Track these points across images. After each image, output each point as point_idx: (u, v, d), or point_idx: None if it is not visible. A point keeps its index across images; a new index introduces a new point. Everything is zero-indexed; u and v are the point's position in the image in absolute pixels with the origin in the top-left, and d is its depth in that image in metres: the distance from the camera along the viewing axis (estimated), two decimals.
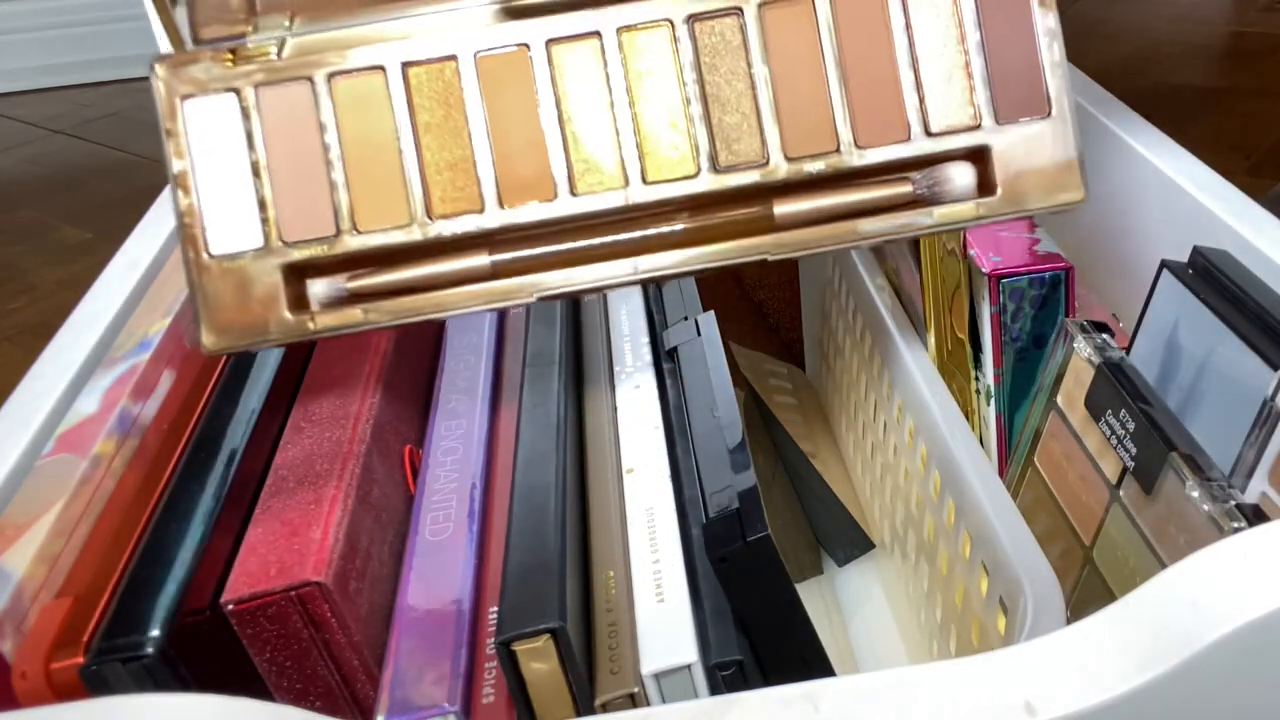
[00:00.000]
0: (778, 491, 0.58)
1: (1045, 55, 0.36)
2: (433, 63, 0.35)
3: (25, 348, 0.98)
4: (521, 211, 0.35)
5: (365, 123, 0.35)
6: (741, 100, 0.35)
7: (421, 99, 0.35)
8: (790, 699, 0.22)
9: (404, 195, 0.35)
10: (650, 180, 0.35)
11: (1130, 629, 0.22)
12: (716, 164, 0.35)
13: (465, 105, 0.35)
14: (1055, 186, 0.36)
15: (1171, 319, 0.36)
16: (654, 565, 0.32)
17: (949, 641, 0.42)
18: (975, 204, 0.36)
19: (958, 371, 0.47)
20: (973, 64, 0.36)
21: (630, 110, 0.35)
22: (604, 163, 0.35)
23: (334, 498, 0.33)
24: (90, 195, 1.30)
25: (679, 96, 0.35)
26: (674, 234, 0.35)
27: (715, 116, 0.35)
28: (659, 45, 0.35)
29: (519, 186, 0.35)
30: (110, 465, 0.34)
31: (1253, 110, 1.22)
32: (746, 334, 0.67)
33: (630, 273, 0.35)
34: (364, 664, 0.31)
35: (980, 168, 0.36)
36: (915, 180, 0.35)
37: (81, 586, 0.30)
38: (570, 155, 0.35)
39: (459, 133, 0.35)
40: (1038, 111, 0.36)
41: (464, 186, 0.35)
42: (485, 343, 0.43)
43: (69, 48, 1.66)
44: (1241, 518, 0.31)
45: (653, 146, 0.35)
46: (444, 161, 0.35)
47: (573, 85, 0.35)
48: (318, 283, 0.35)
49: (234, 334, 0.35)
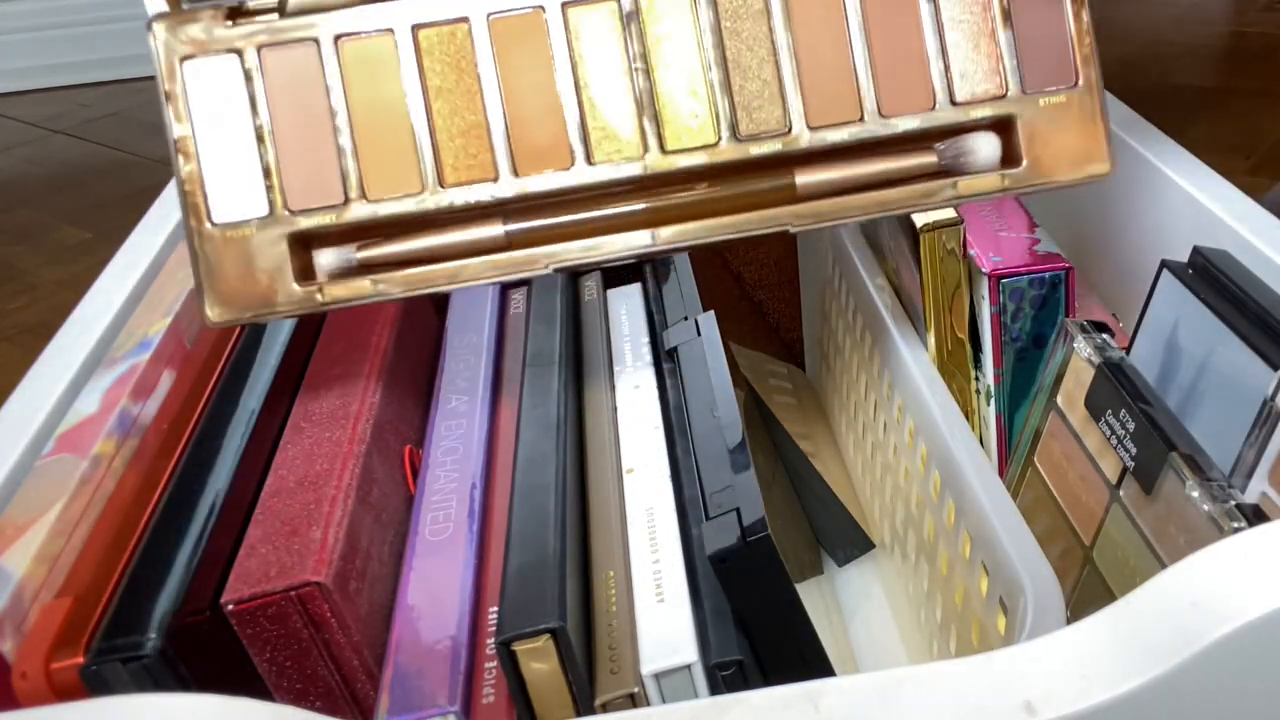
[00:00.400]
0: (778, 491, 0.58)
1: (1073, 24, 0.35)
2: (444, 24, 0.34)
3: (25, 348, 0.98)
4: (537, 180, 0.35)
5: (374, 87, 0.34)
6: (763, 67, 0.34)
7: (432, 62, 0.34)
8: (790, 699, 0.22)
9: (415, 162, 0.34)
10: (669, 149, 0.34)
11: (1130, 629, 0.22)
12: (737, 132, 0.34)
13: (478, 69, 0.34)
14: (1082, 158, 0.35)
15: (1171, 319, 0.36)
16: (654, 565, 0.32)
17: (949, 641, 0.42)
18: (1000, 175, 0.35)
19: (958, 371, 0.47)
20: (999, 32, 0.35)
21: (649, 76, 0.34)
22: (622, 130, 0.34)
23: (334, 498, 0.33)
24: (90, 195, 1.30)
25: (699, 62, 0.34)
26: (693, 204, 0.35)
27: (736, 83, 0.34)
28: (679, 9, 0.34)
29: (534, 154, 0.35)
30: (110, 465, 0.34)
31: (1253, 110, 1.22)
32: (746, 334, 0.67)
33: (648, 244, 0.34)
34: (364, 664, 0.31)
35: (1006, 138, 0.35)
36: (940, 150, 0.35)
37: (81, 586, 0.30)
38: (587, 122, 0.35)
39: (472, 98, 0.34)
40: (1065, 81, 0.35)
41: (477, 154, 0.34)
42: (485, 343, 0.43)
43: (69, 48, 1.66)
44: (1241, 518, 0.31)
45: (672, 114, 0.35)
46: (456, 128, 0.34)
47: (589, 50, 0.34)
48: (325, 253, 0.35)
49: (239, 305, 0.34)
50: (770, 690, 0.22)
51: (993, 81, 0.35)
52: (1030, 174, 0.35)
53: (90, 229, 1.21)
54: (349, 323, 0.42)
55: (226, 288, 0.34)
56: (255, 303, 0.34)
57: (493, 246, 0.35)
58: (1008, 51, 0.35)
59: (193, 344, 0.41)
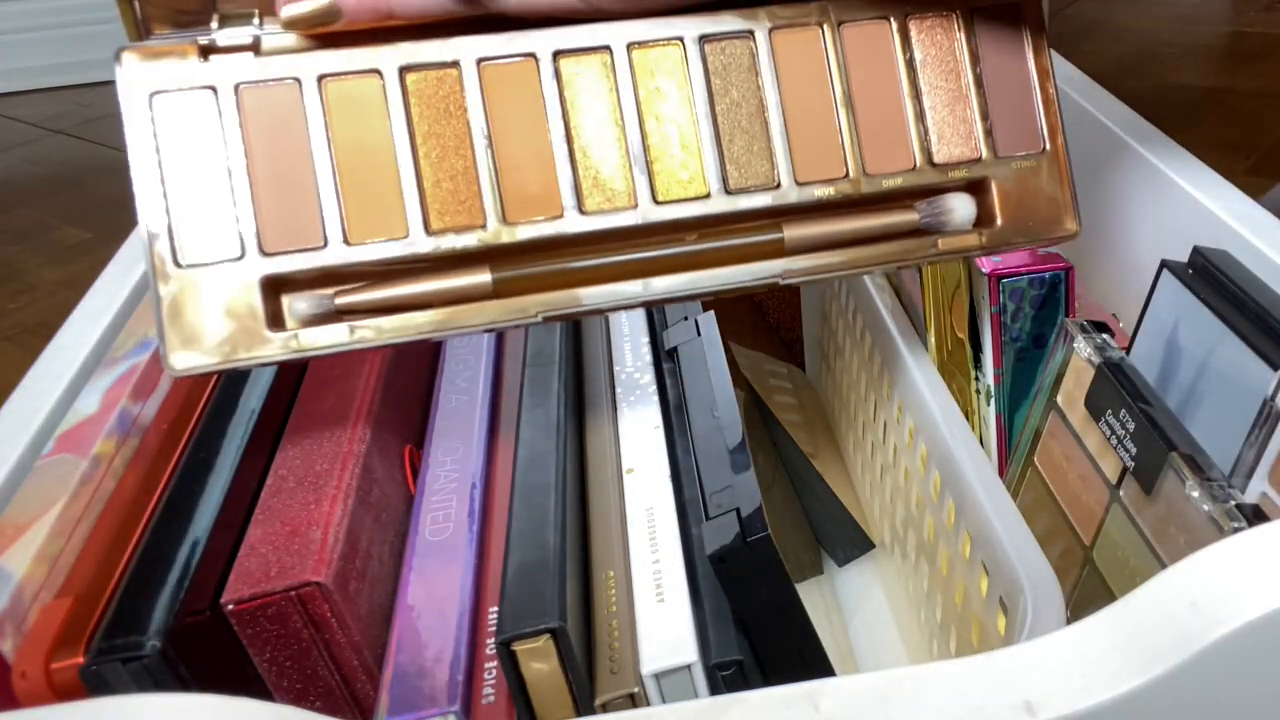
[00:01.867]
0: (778, 491, 0.58)
1: (1038, 94, 0.37)
2: (433, 68, 0.34)
3: (25, 348, 0.98)
4: (526, 228, 0.34)
5: (359, 129, 0.33)
6: (753, 122, 0.35)
7: (421, 106, 0.33)
8: (790, 699, 0.22)
9: (400, 207, 0.33)
10: (661, 200, 0.34)
11: (1130, 629, 0.22)
12: (728, 185, 0.35)
13: (468, 114, 0.34)
14: (1050, 219, 0.36)
15: (1171, 319, 0.36)
16: (654, 565, 0.32)
17: (949, 641, 0.42)
18: (978, 234, 0.36)
19: (958, 371, 0.47)
20: (972, 99, 0.36)
21: (640, 128, 0.34)
22: (613, 180, 0.34)
23: (334, 498, 0.33)
24: (90, 195, 1.30)
25: (690, 116, 0.35)
26: (685, 255, 0.35)
27: (727, 137, 0.35)
28: (670, 63, 0.35)
29: (524, 202, 0.34)
30: (110, 465, 0.34)
31: (1253, 110, 1.22)
32: (746, 334, 0.67)
33: (640, 294, 0.34)
34: (364, 664, 0.31)
35: (981, 199, 0.36)
36: (920, 209, 0.36)
37: (81, 586, 0.30)
38: (579, 171, 0.34)
39: (461, 142, 0.34)
40: (1032, 147, 0.36)
41: (465, 200, 0.33)
42: (485, 343, 0.43)
43: (69, 48, 1.66)
44: (1241, 518, 0.31)
45: (664, 165, 0.34)
46: (444, 172, 0.33)
47: (581, 99, 0.34)
48: (300, 297, 0.33)
49: (206, 352, 0.32)
50: (770, 690, 0.22)
51: (968, 145, 0.36)
52: (1005, 233, 0.36)
53: (90, 229, 1.21)
54: None
55: (192, 334, 0.32)
56: (223, 350, 0.32)
57: (480, 294, 0.33)
58: (980, 118, 0.36)
59: None
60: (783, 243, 0.35)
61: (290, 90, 0.33)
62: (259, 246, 0.32)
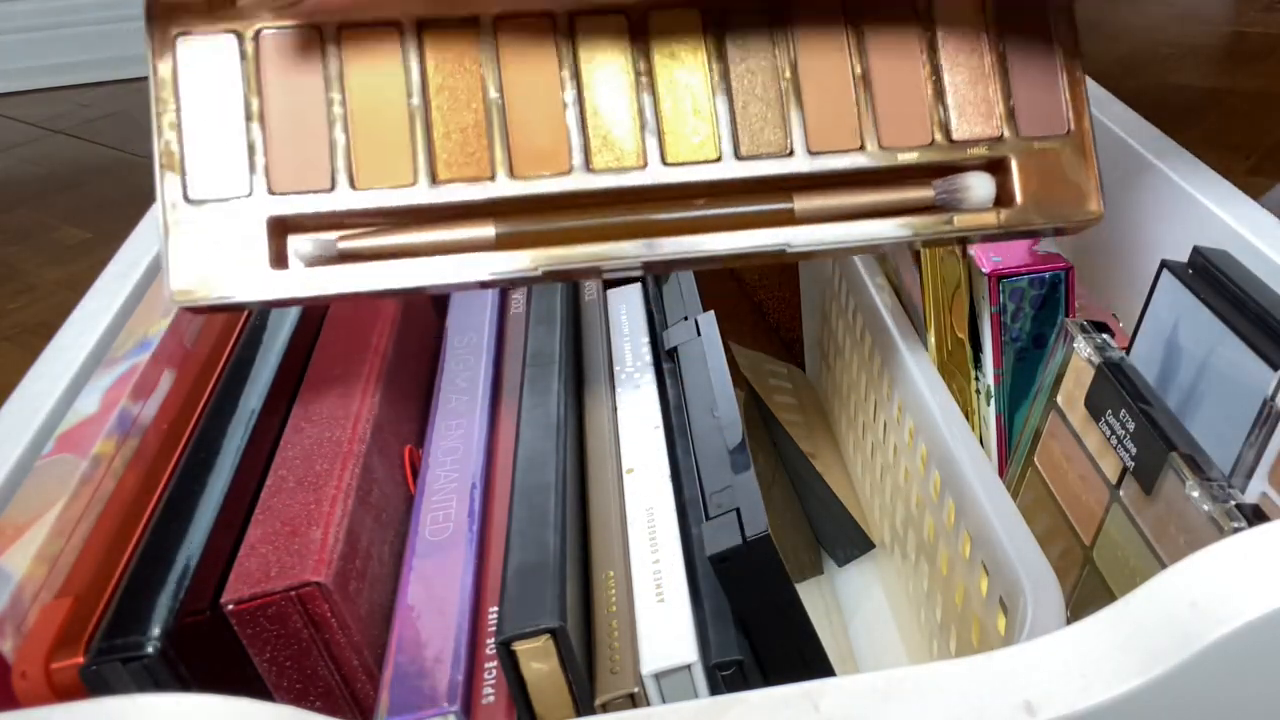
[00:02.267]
0: (778, 491, 0.58)
1: (1064, 75, 0.36)
2: (451, 22, 0.34)
3: (25, 348, 0.98)
4: (533, 183, 0.34)
5: (375, 78, 0.34)
6: (768, 90, 0.35)
7: (436, 59, 0.34)
8: (790, 699, 0.22)
9: (409, 155, 0.34)
10: (670, 162, 0.34)
11: (1130, 629, 0.22)
12: (739, 151, 0.34)
13: (482, 69, 0.34)
14: (1073, 201, 0.36)
15: (1171, 319, 0.36)
16: (654, 565, 0.32)
17: (949, 641, 0.42)
18: (996, 213, 0.36)
19: (958, 371, 0.47)
20: (995, 78, 0.36)
21: (653, 90, 0.34)
22: (623, 140, 0.34)
23: (334, 498, 0.33)
24: (90, 195, 1.30)
25: (705, 80, 0.34)
26: (691, 219, 0.34)
27: (740, 103, 0.34)
28: (688, 27, 0.34)
29: (533, 157, 0.34)
30: (110, 465, 0.34)
31: (1253, 110, 1.22)
32: (746, 334, 0.67)
33: (643, 253, 0.34)
34: (364, 664, 0.31)
35: (1001, 178, 0.36)
36: (936, 186, 0.35)
37: (81, 586, 0.30)
38: (589, 130, 0.34)
39: (473, 96, 0.34)
40: (1057, 128, 0.36)
41: (474, 152, 0.34)
42: (485, 343, 0.43)
43: (69, 48, 1.66)
44: (1241, 518, 0.31)
45: (675, 127, 0.34)
46: (455, 124, 0.34)
47: (596, 59, 0.34)
48: (304, 239, 0.33)
49: (208, 287, 0.33)
50: (770, 690, 0.22)
51: (989, 124, 0.36)
52: (1024, 214, 0.36)
53: (90, 229, 1.21)
54: (349, 323, 0.42)
55: (196, 266, 0.33)
56: (225, 285, 0.33)
57: (482, 245, 0.34)
58: (1003, 97, 0.36)
59: (193, 344, 0.41)
60: (792, 212, 0.35)
61: (310, 38, 0.34)
62: (268, 186, 0.33)
